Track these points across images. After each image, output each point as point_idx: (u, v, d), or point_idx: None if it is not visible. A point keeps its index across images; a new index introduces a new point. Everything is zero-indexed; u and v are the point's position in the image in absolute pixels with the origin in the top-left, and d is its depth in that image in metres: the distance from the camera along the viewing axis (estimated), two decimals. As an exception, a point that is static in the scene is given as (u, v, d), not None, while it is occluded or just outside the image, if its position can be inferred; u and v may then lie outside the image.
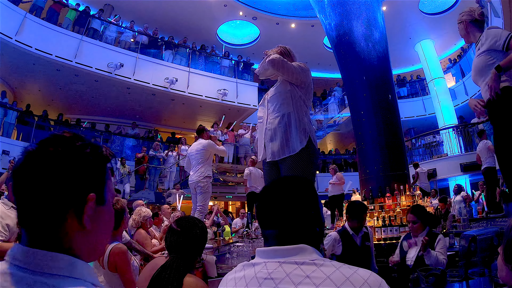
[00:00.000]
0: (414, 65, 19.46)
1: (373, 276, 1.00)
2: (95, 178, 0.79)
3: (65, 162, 0.74)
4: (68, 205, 0.74)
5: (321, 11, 7.41)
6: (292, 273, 1.02)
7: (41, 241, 0.72)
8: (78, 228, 0.75)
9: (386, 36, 7.03)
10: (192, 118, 16.64)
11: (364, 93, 6.60)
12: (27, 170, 0.72)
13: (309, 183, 1.24)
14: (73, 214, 0.74)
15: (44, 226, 0.73)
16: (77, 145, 0.77)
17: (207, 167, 6.23)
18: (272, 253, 1.10)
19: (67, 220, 0.73)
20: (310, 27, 16.76)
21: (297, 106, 2.88)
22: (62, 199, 0.73)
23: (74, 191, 0.74)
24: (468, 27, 3.01)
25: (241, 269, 1.16)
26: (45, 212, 0.72)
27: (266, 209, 1.19)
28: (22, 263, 0.69)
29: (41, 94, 13.83)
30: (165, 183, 13.43)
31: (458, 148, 13.65)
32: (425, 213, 3.53)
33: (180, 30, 15.99)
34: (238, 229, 10.00)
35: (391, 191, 5.70)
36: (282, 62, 2.86)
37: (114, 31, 13.57)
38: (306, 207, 1.17)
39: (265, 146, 2.95)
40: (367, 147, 6.47)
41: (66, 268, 0.71)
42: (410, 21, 16.12)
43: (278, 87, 2.99)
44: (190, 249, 1.92)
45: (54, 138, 0.77)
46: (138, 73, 13.07)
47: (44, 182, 0.71)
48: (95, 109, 15.17)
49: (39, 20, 11.39)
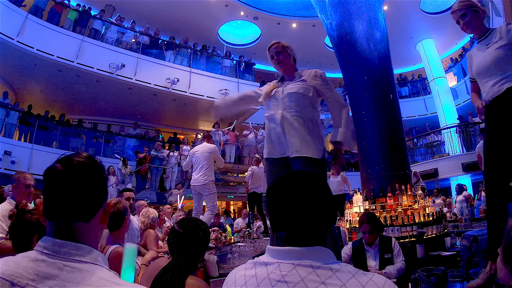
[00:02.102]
0: (416, 65, 19.44)
1: (388, 283, 0.99)
2: (107, 190, 1.05)
3: (99, 174, 1.01)
4: (101, 204, 1.00)
5: (322, 11, 7.40)
6: (306, 278, 0.98)
7: (68, 233, 0.92)
8: (98, 223, 1.00)
9: (387, 35, 7.01)
10: (194, 118, 16.65)
11: (366, 93, 6.58)
12: (74, 173, 0.95)
13: (323, 180, 1.15)
14: (101, 212, 1.00)
15: (81, 219, 0.95)
16: (100, 165, 1.04)
17: (212, 171, 6.48)
18: (287, 254, 1.05)
19: (96, 215, 0.98)
20: (311, 27, 16.76)
21: (316, 113, 2.89)
22: (99, 199, 1.00)
23: (104, 195, 1.02)
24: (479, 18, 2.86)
25: (251, 266, 1.11)
26: (88, 204, 0.97)
27: (280, 207, 1.10)
28: (52, 251, 0.88)
29: (42, 95, 13.87)
30: (166, 183, 13.45)
31: (459, 148, 13.61)
32: (378, 220, 3.57)
33: (181, 30, 16.01)
34: (240, 229, 10.01)
35: (393, 191, 5.69)
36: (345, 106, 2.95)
37: (115, 31, 13.60)
38: (323, 206, 1.10)
39: (283, 142, 2.82)
40: (369, 147, 6.46)
41: (87, 256, 0.91)
42: (411, 20, 16.11)
43: (300, 87, 2.86)
44: (192, 250, 1.91)
45: (85, 156, 1.02)
46: (139, 73, 13.10)
47: (90, 181, 0.97)
48: (97, 109, 15.21)
49: (40, 21, 11.44)
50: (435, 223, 5.05)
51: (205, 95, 14.47)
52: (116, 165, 12.00)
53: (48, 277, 0.82)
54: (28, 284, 0.81)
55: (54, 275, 0.83)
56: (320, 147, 2.76)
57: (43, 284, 0.81)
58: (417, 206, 5.37)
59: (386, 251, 3.40)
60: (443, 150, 14.56)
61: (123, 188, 11.25)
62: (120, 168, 11.99)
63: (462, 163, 12.62)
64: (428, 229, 4.89)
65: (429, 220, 5.09)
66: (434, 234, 4.90)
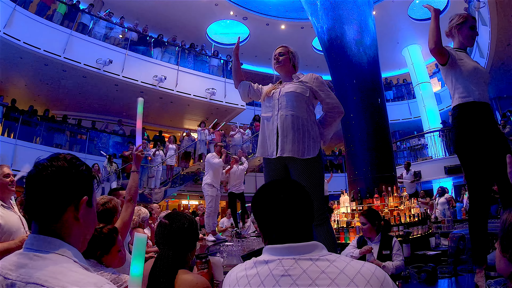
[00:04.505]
0: (401, 69, 19.79)
1: (378, 269, 1.10)
2: (87, 187, 1.12)
3: (67, 173, 1.07)
4: (68, 203, 1.06)
5: (314, 14, 7.49)
6: (308, 269, 1.07)
7: (46, 230, 1.03)
8: (74, 221, 1.06)
9: (376, 40, 7.15)
10: (180, 117, 16.58)
11: (354, 96, 6.70)
12: (41, 177, 1.04)
13: (300, 185, 1.28)
14: (72, 210, 1.06)
15: (49, 217, 1.04)
16: (76, 163, 1.11)
17: (209, 176, 7.51)
18: (287, 250, 1.13)
19: (65, 213, 1.05)
20: (299, 29, 16.89)
21: (311, 113, 2.93)
22: (64, 198, 1.05)
23: (73, 193, 1.07)
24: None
25: (252, 266, 1.17)
26: (52, 206, 1.04)
27: (269, 212, 1.20)
28: (30, 245, 1.01)
29: (27, 89, 13.57)
30: (152, 182, 13.34)
31: (442, 151, 13.94)
32: (378, 217, 3.67)
33: (170, 27, 15.92)
34: (225, 228, 10.03)
35: (379, 192, 5.82)
36: (343, 112, 3.01)
37: (103, 26, 13.39)
38: (310, 206, 1.23)
39: (278, 142, 2.85)
40: (356, 149, 6.57)
41: (56, 248, 1.01)
42: (398, 26, 16.40)
43: (297, 87, 2.93)
44: (178, 240, 1.87)
45: (61, 157, 1.09)
46: (127, 70, 12.95)
47: (53, 185, 1.04)
48: (82, 105, 14.97)
49: (28, 13, 11.18)
50: (421, 223, 5.19)
51: (192, 94, 14.41)
52: (101, 162, 11.86)
53: (21, 266, 0.96)
54: (7, 273, 0.95)
55: (25, 264, 0.96)
56: (315, 146, 2.82)
57: (17, 272, 0.95)
58: (403, 207, 5.51)
59: (385, 248, 3.51)
60: (426, 154, 14.89)
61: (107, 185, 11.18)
62: (105, 166, 11.85)
63: (444, 166, 12.91)
64: (414, 229, 5.02)
65: (415, 220, 5.23)
66: (420, 234, 5.04)
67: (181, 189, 13.38)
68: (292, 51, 3.11)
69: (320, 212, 2.71)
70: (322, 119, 3.00)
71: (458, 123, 2.88)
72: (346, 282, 1.02)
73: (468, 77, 2.90)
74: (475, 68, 2.93)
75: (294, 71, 3.11)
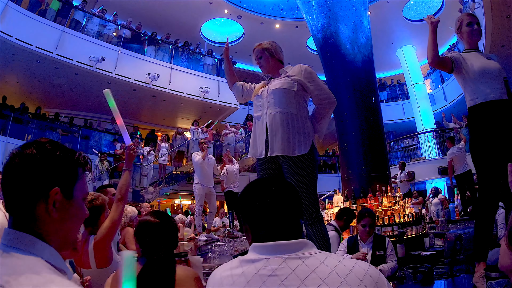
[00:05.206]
0: (395, 70, 19.83)
1: (371, 267, 1.03)
2: (62, 175, 0.99)
3: (36, 161, 0.95)
4: (38, 195, 0.94)
5: (308, 12, 7.44)
6: (297, 269, 1.00)
7: (19, 224, 0.94)
8: (48, 216, 0.94)
9: (371, 40, 7.11)
10: (173, 115, 16.47)
11: (348, 95, 6.66)
12: (10, 167, 0.95)
13: (287, 182, 1.24)
14: (42, 203, 0.94)
15: (20, 211, 0.94)
16: (48, 148, 0.98)
17: (196, 175, 7.62)
18: (274, 249, 1.07)
19: (37, 207, 0.93)
20: (294, 28, 16.86)
21: (302, 108, 2.81)
22: (32, 190, 0.94)
23: (42, 184, 0.94)
24: None
25: (237, 265, 1.10)
26: (20, 199, 0.94)
27: (258, 207, 1.14)
28: (3, 240, 0.92)
29: (19, 86, 13.39)
30: (144, 181, 13.24)
31: (436, 152, 13.98)
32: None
33: (164, 25, 15.80)
34: (217, 228, 9.96)
35: (373, 192, 5.77)
36: (334, 102, 2.86)
37: (96, 23, 13.25)
38: (299, 202, 1.18)
39: (267, 141, 2.77)
40: (350, 148, 6.53)
41: (28, 245, 0.90)
42: (393, 26, 16.44)
43: (284, 82, 2.82)
44: (156, 239, 1.86)
45: (33, 143, 0.99)
46: (119, 67, 12.83)
47: (20, 176, 0.94)
48: (74, 103, 14.81)
49: (21, 9, 11.02)
50: (415, 223, 5.15)
51: (185, 92, 14.31)
52: (93, 161, 11.72)
53: None
54: None
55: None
56: (306, 142, 2.71)
57: None
58: (397, 207, 5.47)
59: (379, 248, 3.45)
60: (419, 154, 14.93)
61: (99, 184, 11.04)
62: (97, 164, 11.72)
63: (438, 167, 12.95)
64: (408, 229, 4.98)
65: (409, 220, 5.19)
66: (414, 234, 5.00)
67: (174, 188, 13.28)
68: (267, 46, 2.98)
69: (312, 210, 2.63)
70: (314, 112, 2.89)
71: (469, 127, 2.91)
72: (337, 282, 0.96)
73: (475, 79, 2.87)
74: (483, 67, 2.87)
75: (280, 65, 3.00)
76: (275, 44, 3.05)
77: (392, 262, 3.30)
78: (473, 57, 2.96)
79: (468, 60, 2.93)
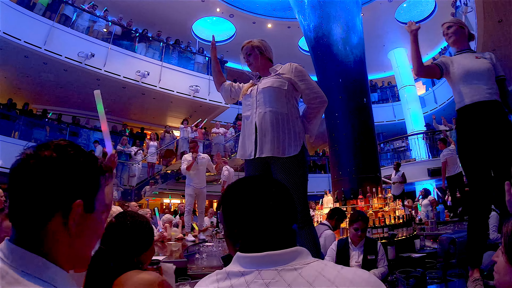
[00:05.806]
0: (386, 72, 19.93)
1: (372, 276, 0.94)
2: (85, 185, 0.85)
3: (56, 167, 0.80)
4: (55, 207, 0.79)
5: (301, 11, 7.38)
6: (294, 282, 0.89)
7: (26, 240, 0.78)
8: (64, 232, 0.80)
9: (363, 41, 7.08)
10: (162, 114, 16.33)
11: (340, 95, 6.61)
12: (22, 171, 0.79)
13: (278, 181, 1.12)
14: (60, 217, 0.80)
15: (30, 225, 0.79)
16: (71, 153, 0.84)
17: (188, 176, 7.44)
18: (266, 260, 0.94)
19: (52, 221, 0.79)
20: (286, 28, 16.83)
21: (293, 107, 2.73)
22: (50, 200, 0.79)
23: (62, 195, 0.80)
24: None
25: (224, 277, 0.97)
26: (33, 210, 0.78)
27: (258, 208, 1.00)
28: (5, 257, 0.75)
29: (6, 82, 13.12)
30: (132, 181, 13.09)
31: (426, 154, 14.06)
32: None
33: (155, 23, 15.63)
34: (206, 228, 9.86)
35: (364, 193, 5.73)
36: (325, 101, 2.78)
37: (87, 19, 13.04)
38: (293, 205, 1.06)
39: (257, 141, 2.67)
40: (341, 149, 6.48)
41: (38, 270, 0.75)
42: (385, 29, 16.51)
43: (274, 81, 2.74)
44: (120, 239, 1.75)
45: (50, 144, 0.84)
46: (109, 64, 12.64)
47: (36, 183, 0.78)
48: (63, 100, 14.59)
49: (10, 2, 10.76)
50: (405, 225, 5.12)
51: (175, 91, 14.17)
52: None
53: None
54: None
55: None
56: (296, 143, 2.62)
57: None
58: (388, 208, 5.43)
59: (370, 252, 3.39)
60: (409, 156, 15.00)
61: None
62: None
63: (428, 168, 13.02)
64: (399, 231, 4.95)
65: (399, 222, 5.15)
66: (404, 236, 4.97)
67: (163, 187, 13.14)
68: (257, 44, 2.91)
69: (302, 214, 2.54)
70: (305, 112, 2.81)
71: (456, 130, 2.92)
72: None
73: (460, 81, 2.86)
74: (466, 70, 2.86)
75: (270, 63, 2.94)
76: (265, 42, 2.98)
77: (383, 267, 3.25)
78: (462, 59, 2.95)
79: (455, 62, 2.94)
